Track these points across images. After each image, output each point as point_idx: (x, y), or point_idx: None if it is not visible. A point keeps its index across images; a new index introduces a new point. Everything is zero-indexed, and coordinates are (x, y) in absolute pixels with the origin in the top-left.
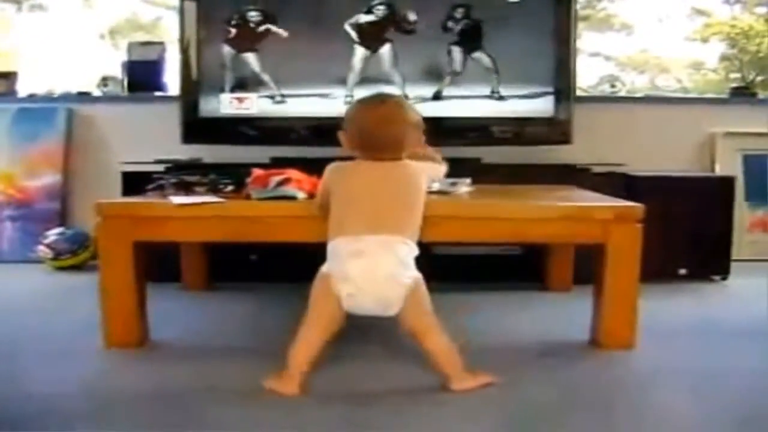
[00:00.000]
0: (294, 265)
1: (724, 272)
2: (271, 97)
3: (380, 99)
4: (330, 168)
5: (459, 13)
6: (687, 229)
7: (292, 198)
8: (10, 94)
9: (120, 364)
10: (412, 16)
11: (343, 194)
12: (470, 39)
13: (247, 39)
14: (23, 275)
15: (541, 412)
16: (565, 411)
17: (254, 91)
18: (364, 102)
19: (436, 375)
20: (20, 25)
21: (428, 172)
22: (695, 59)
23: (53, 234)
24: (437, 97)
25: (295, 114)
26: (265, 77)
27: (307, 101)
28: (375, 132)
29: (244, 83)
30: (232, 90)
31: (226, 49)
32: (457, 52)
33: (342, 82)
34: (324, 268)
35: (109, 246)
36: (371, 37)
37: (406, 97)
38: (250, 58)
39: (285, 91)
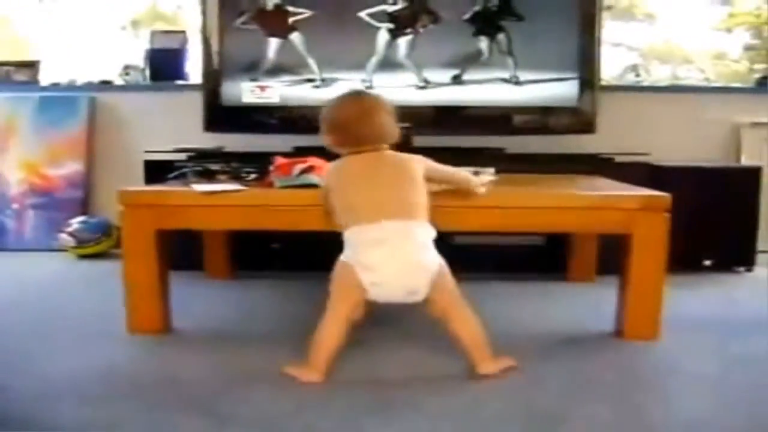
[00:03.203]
0: (316, 254)
1: (750, 263)
2: (311, 80)
3: (356, 94)
4: (326, 170)
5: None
6: (712, 220)
7: (315, 186)
8: (33, 83)
9: (143, 350)
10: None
11: (344, 187)
12: (489, 23)
13: (277, 24)
14: (46, 263)
15: (561, 401)
16: (586, 400)
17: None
18: (340, 100)
19: (458, 360)
20: (42, 15)
21: (421, 158)
22: (719, 50)
23: (76, 222)
24: (458, 81)
25: (317, 102)
26: (310, 61)
27: (331, 87)
28: (355, 125)
29: (283, 69)
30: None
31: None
32: (483, 39)
33: (361, 68)
34: (343, 257)
35: (132, 234)
36: (398, 23)
37: (427, 82)
38: (297, 39)
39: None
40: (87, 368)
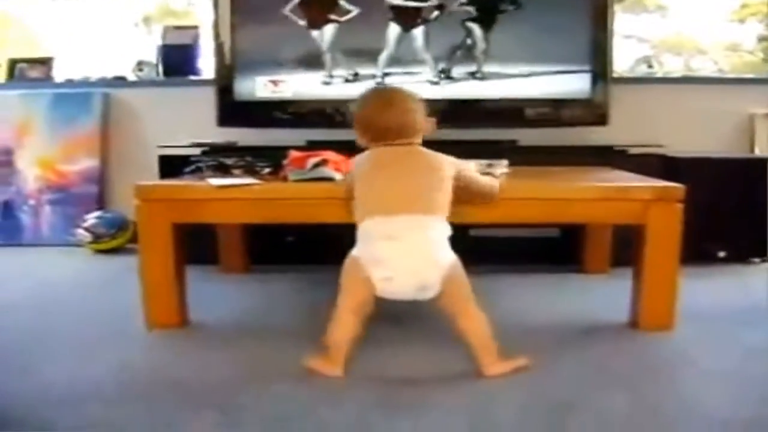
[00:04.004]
0: (331, 247)
1: (764, 254)
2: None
3: (378, 89)
4: (354, 159)
5: None
6: (726, 211)
7: (330, 179)
8: (46, 79)
9: (159, 345)
10: None
11: (366, 179)
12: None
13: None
14: (63, 259)
15: (575, 392)
16: (600, 391)
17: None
18: (364, 95)
19: (470, 356)
20: (55, 12)
21: (454, 160)
22: (732, 41)
23: (92, 217)
24: (476, 76)
25: (331, 96)
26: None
27: (342, 83)
28: (377, 118)
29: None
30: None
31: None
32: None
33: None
34: (354, 252)
35: (148, 229)
36: (406, 15)
37: (443, 75)
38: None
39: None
40: (104, 364)
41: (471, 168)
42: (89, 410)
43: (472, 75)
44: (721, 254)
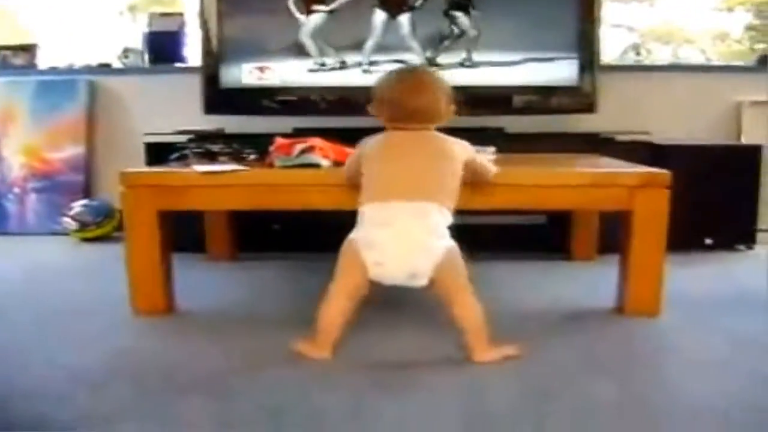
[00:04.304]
0: (317, 234)
1: (750, 241)
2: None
3: (409, 69)
4: (363, 140)
5: None
6: (713, 199)
7: (316, 165)
8: (30, 67)
9: (147, 332)
10: None
11: (374, 163)
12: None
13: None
14: (49, 247)
15: (563, 378)
16: (587, 377)
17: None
18: (393, 73)
19: (461, 344)
20: None
21: (467, 146)
22: (719, 30)
23: (78, 206)
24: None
25: (317, 84)
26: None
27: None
28: (403, 101)
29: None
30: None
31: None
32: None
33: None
34: (352, 234)
35: (133, 215)
36: (392, 1)
37: (433, 64)
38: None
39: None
40: (91, 351)
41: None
42: (79, 399)
43: (461, 64)
44: (708, 242)
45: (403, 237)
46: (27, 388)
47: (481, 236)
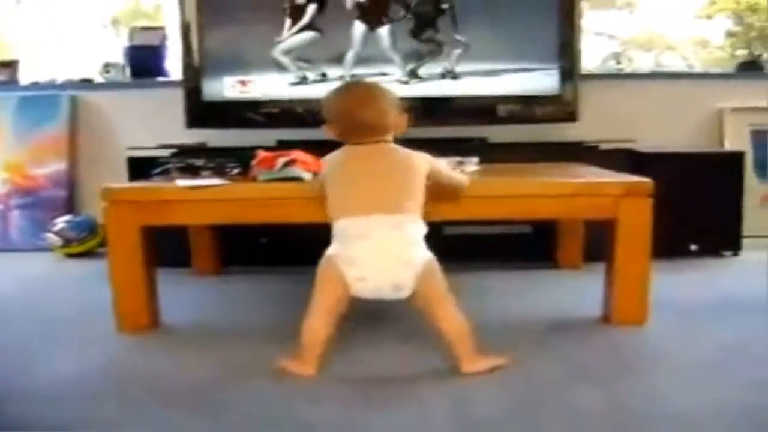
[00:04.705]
0: (303, 248)
1: (735, 247)
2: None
3: (353, 83)
4: (324, 159)
5: None
6: (697, 206)
7: (299, 179)
8: (12, 82)
9: (131, 348)
10: None
11: (338, 178)
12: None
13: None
14: (33, 263)
15: (550, 388)
16: (573, 386)
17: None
18: (338, 89)
19: (448, 355)
20: (20, 14)
21: (428, 158)
22: (701, 37)
23: (61, 221)
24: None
25: (299, 96)
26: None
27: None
28: (352, 114)
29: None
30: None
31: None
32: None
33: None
34: (329, 251)
35: (117, 231)
36: (371, 14)
37: (415, 76)
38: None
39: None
40: (75, 367)
41: (443, 165)
42: (58, 411)
43: (443, 75)
44: (694, 248)
45: (384, 250)
46: (7, 399)
47: (467, 246)
